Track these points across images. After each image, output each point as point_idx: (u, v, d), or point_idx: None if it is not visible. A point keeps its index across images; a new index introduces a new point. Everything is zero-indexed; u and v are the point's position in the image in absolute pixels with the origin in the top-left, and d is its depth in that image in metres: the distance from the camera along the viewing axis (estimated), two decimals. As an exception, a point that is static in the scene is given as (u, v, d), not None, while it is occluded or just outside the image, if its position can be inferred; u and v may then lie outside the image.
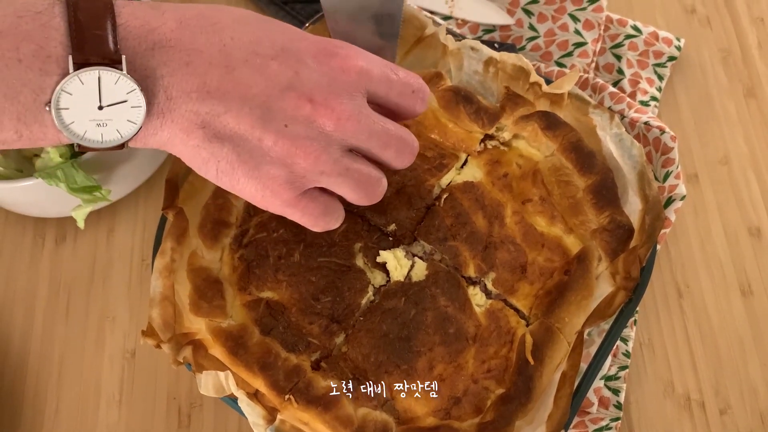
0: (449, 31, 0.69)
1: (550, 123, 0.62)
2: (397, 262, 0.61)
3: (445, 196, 0.63)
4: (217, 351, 0.57)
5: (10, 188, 0.65)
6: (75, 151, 0.66)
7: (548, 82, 0.66)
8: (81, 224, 0.67)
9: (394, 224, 0.62)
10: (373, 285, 0.61)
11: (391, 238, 0.63)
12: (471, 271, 0.61)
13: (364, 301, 0.60)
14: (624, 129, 0.63)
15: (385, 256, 0.61)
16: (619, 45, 0.77)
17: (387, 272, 0.61)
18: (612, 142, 0.62)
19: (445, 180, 0.64)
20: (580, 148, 0.62)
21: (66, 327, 0.71)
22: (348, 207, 0.63)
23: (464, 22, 0.79)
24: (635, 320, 0.68)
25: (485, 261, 0.61)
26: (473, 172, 0.65)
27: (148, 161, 0.73)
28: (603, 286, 0.59)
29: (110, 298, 0.72)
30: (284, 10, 0.82)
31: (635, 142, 0.62)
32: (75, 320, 0.72)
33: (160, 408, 0.68)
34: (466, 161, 0.65)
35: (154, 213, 0.76)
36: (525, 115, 0.63)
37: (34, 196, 0.68)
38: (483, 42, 0.75)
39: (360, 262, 0.61)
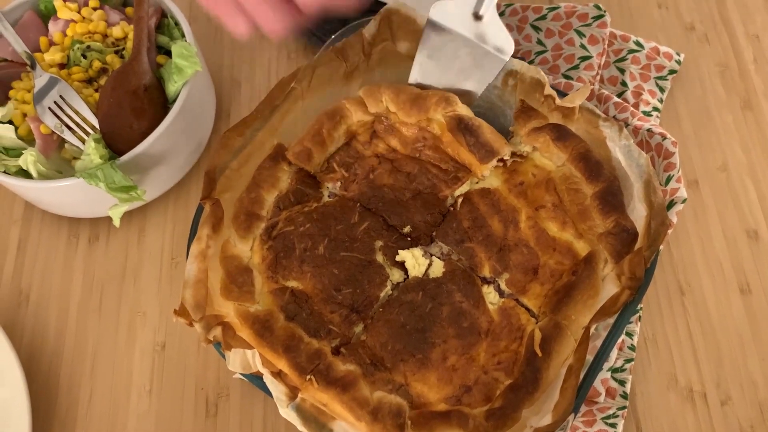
0: None
1: (560, 134, 0.66)
2: (415, 261, 0.64)
3: (461, 199, 0.67)
4: (244, 333, 0.60)
5: (52, 188, 0.69)
6: (113, 154, 0.71)
7: (560, 93, 0.69)
8: (117, 222, 0.71)
9: (409, 226, 0.66)
10: (391, 281, 0.64)
11: (409, 239, 0.66)
12: (486, 272, 0.64)
13: (382, 294, 0.63)
14: (632, 141, 0.66)
15: (403, 255, 0.64)
16: (622, 59, 0.82)
17: (405, 270, 0.65)
18: (621, 152, 0.66)
19: (459, 192, 0.68)
20: (588, 158, 0.65)
21: (99, 322, 0.75)
22: (368, 206, 0.67)
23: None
24: (640, 316, 0.71)
25: (500, 262, 0.64)
26: (491, 181, 0.68)
27: (180, 165, 0.78)
28: (609, 287, 0.62)
29: (141, 295, 0.76)
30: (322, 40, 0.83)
31: (642, 153, 0.65)
32: (108, 316, 0.75)
33: (189, 398, 0.71)
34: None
35: (184, 215, 0.79)
36: (537, 127, 0.67)
37: (72, 196, 0.72)
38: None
39: (380, 258, 0.65)
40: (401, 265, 0.65)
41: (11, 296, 0.77)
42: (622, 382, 0.68)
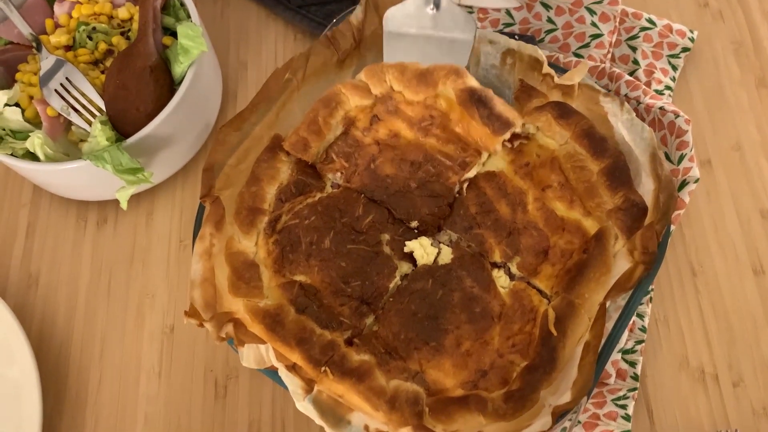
0: None
1: (562, 112, 0.65)
2: (423, 251, 0.63)
3: (466, 184, 0.66)
4: (255, 329, 0.59)
5: (59, 170, 0.69)
6: (120, 136, 0.71)
7: (560, 70, 0.68)
8: (124, 205, 0.70)
9: (416, 221, 0.65)
10: (400, 272, 0.63)
11: (416, 231, 0.65)
12: (497, 257, 0.63)
13: (392, 285, 0.63)
14: (634, 114, 0.65)
15: (411, 246, 0.63)
16: (634, 37, 0.80)
17: (413, 262, 0.64)
18: (623, 127, 0.65)
19: (467, 176, 0.67)
20: (592, 135, 0.64)
21: (108, 305, 0.75)
22: (373, 198, 0.66)
23: (485, 16, 0.83)
24: (651, 298, 0.70)
25: (510, 246, 0.63)
26: (496, 163, 0.67)
27: (188, 147, 0.77)
28: (620, 264, 0.61)
29: (149, 278, 0.76)
30: (300, 13, 0.85)
31: (645, 126, 0.64)
32: (116, 298, 0.75)
33: (198, 380, 0.71)
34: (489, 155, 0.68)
35: (192, 198, 0.79)
36: (538, 106, 0.66)
37: (80, 179, 0.72)
38: (503, 34, 0.79)
39: (387, 250, 0.64)
40: (409, 257, 0.64)
41: (21, 279, 0.77)
42: (632, 364, 0.67)
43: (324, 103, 0.67)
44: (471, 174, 0.66)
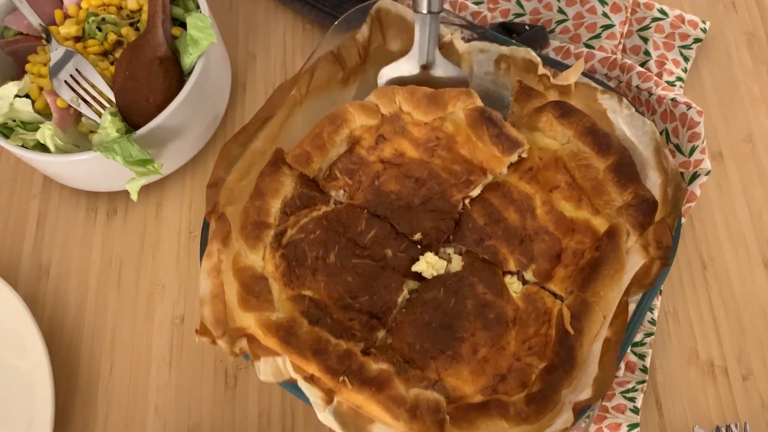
0: (469, 26, 0.71)
1: (564, 111, 0.65)
2: (431, 268, 0.63)
3: (468, 200, 0.65)
4: (268, 342, 0.58)
5: (69, 161, 0.69)
6: (129, 127, 0.71)
7: (559, 65, 0.68)
8: (134, 196, 0.71)
9: (419, 234, 0.64)
10: (407, 286, 0.63)
11: (419, 246, 0.64)
12: (511, 266, 0.63)
13: (400, 300, 0.62)
14: (634, 109, 0.64)
15: (418, 267, 0.63)
16: (645, 27, 0.80)
17: (419, 278, 0.63)
18: (624, 123, 0.64)
19: (471, 195, 0.66)
20: (595, 132, 0.64)
21: (118, 296, 0.76)
22: (376, 213, 0.65)
23: (495, 6, 0.82)
24: (660, 290, 0.70)
25: (524, 255, 0.63)
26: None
27: (197, 138, 0.77)
28: (633, 260, 0.60)
29: (159, 268, 0.76)
30: (309, 4, 0.85)
31: (646, 120, 0.63)
32: (126, 289, 0.76)
33: (208, 370, 0.72)
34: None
35: (201, 190, 0.79)
36: (539, 106, 0.66)
37: (90, 170, 0.72)
38: (513, 24, 0.79)
39: (393, 264, 0.63)
40: (413, 274, 0.63)
41: (32, 270, 0.77)
42: (641, 356, 0.67)
43: (330, 120, 0.66)
44: (475, 192, 0.66)
